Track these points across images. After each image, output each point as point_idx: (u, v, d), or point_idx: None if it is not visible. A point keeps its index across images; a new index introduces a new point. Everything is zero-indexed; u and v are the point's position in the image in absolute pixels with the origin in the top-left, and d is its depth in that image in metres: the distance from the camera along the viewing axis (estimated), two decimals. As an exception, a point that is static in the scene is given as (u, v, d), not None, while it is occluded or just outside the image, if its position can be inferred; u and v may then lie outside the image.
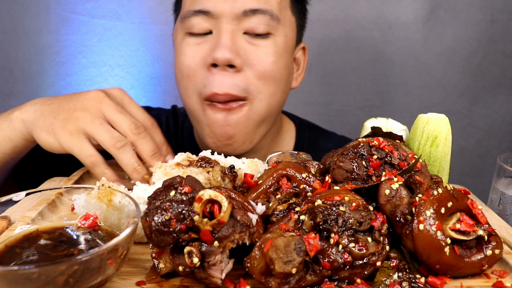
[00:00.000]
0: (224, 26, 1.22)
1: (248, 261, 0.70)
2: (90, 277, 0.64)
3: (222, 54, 1.18)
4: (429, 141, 1.02)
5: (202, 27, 1.24)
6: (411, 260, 0.78)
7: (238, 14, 1.21)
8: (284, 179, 0.85)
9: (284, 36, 1.31)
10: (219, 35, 1.22)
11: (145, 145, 1.07)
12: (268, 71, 1.25)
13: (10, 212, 0.87)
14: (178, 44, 1.30)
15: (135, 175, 1.05)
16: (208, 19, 1.23)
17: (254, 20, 1.23)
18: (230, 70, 1.21)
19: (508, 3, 2.20)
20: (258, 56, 1.24)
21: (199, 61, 1.24)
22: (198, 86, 1.25)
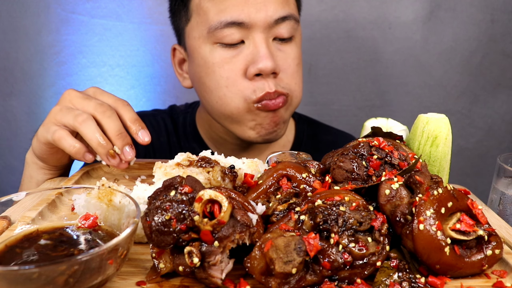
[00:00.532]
0: (258, 36, 1.27)
1: (248, 261, 0.70)
2: (90, 277, 0.64)
3: (265, 64, 1.25)
4: (429, 141, 1.02)
5: (236, 38, 1.28)
6: (411, 260, 0.78)
7: (270, 23, 1.27)
8: (284, 179, 0.85)
9: (299, 35, 1.41)
10: (255, 45, 1.28)
11: (111, 124, 1.07)
12: (295, 73, 1.37)
13: (10, 212, 0.87)
14: (207, 55, 1.32)
15: (99, 149, 1.05)
16: (241, 29, 1.27)
17: (282, 26, 1.30)
18: (271, 76, 1.30)
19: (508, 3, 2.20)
20: (287, 61, 1.34)
21: (238, 72, 1.29)
22: (244, 92, 1.30)
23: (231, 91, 1.31)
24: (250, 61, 1.27)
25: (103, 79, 2.26)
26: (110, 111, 1.09)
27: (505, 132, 2.40)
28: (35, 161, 1.23)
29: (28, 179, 1.25)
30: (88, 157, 1.09)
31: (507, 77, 2.31)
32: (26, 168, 1.26)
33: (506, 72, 2.30)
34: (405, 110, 2.34)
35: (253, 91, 1.29)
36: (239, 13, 1.24)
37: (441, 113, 1.05)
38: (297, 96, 1.40)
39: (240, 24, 1.25)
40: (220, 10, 1.26)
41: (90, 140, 1.05)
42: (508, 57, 2.28)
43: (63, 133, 1.07)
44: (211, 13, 1.28)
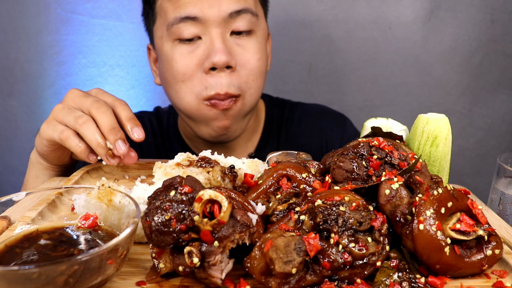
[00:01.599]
0: (214, 31, 1.29)
1: (248, 261, 0.70)
2: (90, 277, 0.64)
3: (219, 58, 1.27)
4: (429, 141, 1.02)
5: (191, 33, 1.30)
6: (411, 260, 0.78)
7: (224, 17, 1.29)
8: (284, 179, 0.85)
9: (261, 30, 1.41)
10: (211, 40, 1.30)
11: (104, 119, 1.09)
12: (255, 68, 1.37)
13: (10, 212, 0.87)
14: (168, 51, 1.35)
15: (99, 150, 1.08)
16: (196, 24, 1.29)
17: (238, 20, 1.32)
18: (227, 70, 1.31)
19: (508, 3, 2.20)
20: (246, 57, 1.35)
21: (194, 66, 1.32)
22: (196, 88, 1.33)
23: (186, 85, 1.34)
24: (207, 56, 1.30)
25: (103, 79, 2.26)
26: (105, 107, 1.11)
27: (505, 132, 2.40)
28: (39, 161, 1.25)
29: (33, 179, 1.27)
30: (92, 158, 1.12)
31: (507, 77, 2.31)
32: (30, 168, 1.28)
33: (506, 72, 2.30)
34: (405, 110, 2.34)
35: (205, 88, 1.31)
36: (192, 8, 1.28)
37: (441, 113, 1.05)
38: (252, 94, 1.39)
39: (194, 19, 1.28)
40: (176, 7, 1.30)
41: (90, 141, 1.08)
42: (508, 57, 2.28)
43: (69, 133, 1.10)
44: (169, 11, 1.32)
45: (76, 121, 1.09)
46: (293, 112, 1.70)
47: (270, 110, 1.70)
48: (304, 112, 1.71)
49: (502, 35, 2.24)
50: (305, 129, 1.67)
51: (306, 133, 1.66)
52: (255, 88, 1.39)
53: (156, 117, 1.71)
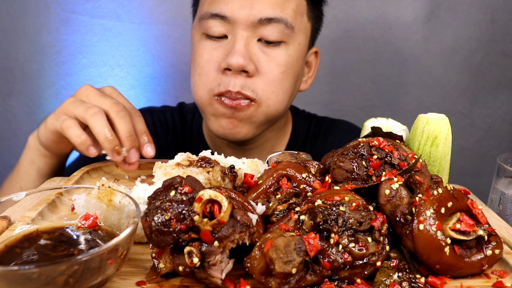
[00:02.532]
0: (239, 33, 1.27)
1: (248, 261, 0.70)
2: (90, 277, 0.64)
3: (236, 60, 1.24)
4: (429, 141, 1.02)
5: (218, 31, 1.29)
6: (411, 260, 0.78)
7: (253, 21, 1.26)
8: (284, 179, 0.85)
9: (297, 44, 1.35)
10: (234, 41, 1.27)
11: (123, 124, 1.09)
12: (277, 80, 1.31)
13: (10, 212, 0.87)
14: (196, 43, 1.36)
15: (106, 144, 1.07)
16: (225, 23, 1.28)
17: (268, 28, 1.27)
18: (243, 74, 1.28)
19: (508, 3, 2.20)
20: (270, 65, 1.30)
21: (213, 63, 1.30)
22: (211, 84, 1.31)
23: (201, 80, 1.33)
24: (226, 55, 1.28)
25: (103, 79, 2.26)
26: (125, 112, 1.10)
27: (505, 132, 2.40)
28: (38, 147, 1.23)
29: (28, 163, 1.25)
30: (92, 151, 1.10)
31: (507, 77, 2.31)
32: (27, 151, 1.25)
33: (506, 72, 2.30)
34: (405, 110, 2.34)
35: (218, 85, 1.30)
36: (224, 6, 1.26)
37: (441, 113, 1.05)
38: (269, 105, 1.33)
39: (223, 18, 1.27)
40: (211, 2, 1.29)
41: (98, 133, 1.06)
42: (508, 57, 2.28)
43: (71, 122, 1.08)
44: (205, 4, 1.32)
45: (86, 111, 1.07)
46: (319, 127, 1.67)
47: (296, 123, 1.66)
48: (330, 128, 1.67)
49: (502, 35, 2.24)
50: (331, 145, 1.61)
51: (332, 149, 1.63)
52: (275, 101, 1.33)
53: (179, 113, 1.68)
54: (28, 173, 1.26)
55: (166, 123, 1.64)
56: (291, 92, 1.40)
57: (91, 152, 1.10)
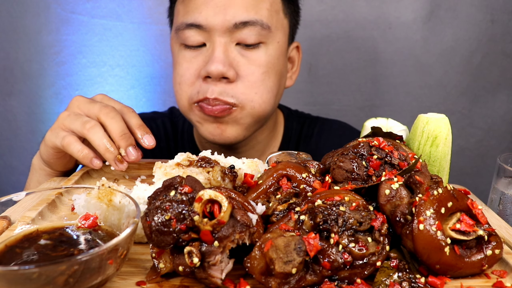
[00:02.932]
0: (217, 40, 1.27)
1: (248, 261, 0.70)
2: (90, 277, 0.64)
3: (215, 67, 1.24)
4: (429, 141, 1.02)
5: (196, 40, 1.29)
6: (411, 260, 0.78)
7: (229, 27, 1.26)
8: (284, 179, 0.85)
9: (276, 43, 1.35)
10: (212, 48, 1.28)
11: (114, 125, 1.09)
12: (259, 81, 1.31)
13: (10, 212, 0.87)
14: (175, 53, 1.37)
15: (107, 155, 1.08)
16: (201, 32, 1.28)
17: (245, 32, 1.27)
18: (223, 81, 1.28)
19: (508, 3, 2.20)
20: (250, 68, 1.30)
21: (193, 72, 1.31)
22: (190, 92, 1.33)
23: (182, 88, 1.34)
24: (205, 63, 1.28)
25: (103, 79, 2.26)
26: (114, 113, 1.11)
27: (505, 132, 2.40)
28: (42, 167, 1.24)
29: (35, 184, 1.27)
30: (95, 163, 1.11)
31: (507, 77, 2.31)
32: (33, 173, 1.27)
33: (506, 72, 2.30)
34: (405, 110, 2.34)
35: (197, 92, 1.30)
36: (198, 15, 1.26)
37: (441, 113, 1.05)
38: (254, 107, 1.33)
39: (198, 27, 1.27)
40: (185, 12, 1.29)
41: (98, 146, 1.08)
42: (508, 57, 2.28)
43: (71, 139, 1.10)
44: (180, 15, 1.32)
45: (83, 126, 1.08)
46: (312, 128, 1.66)
47: (289, 124, 1.66)
48: (323, 128, 1.67)
49: (502, 35, 2.24)
50: (324, 145, 1.63)
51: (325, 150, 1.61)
52: (260, 102, 1.33)
53: (170, 119, 1.68)
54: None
55: (157, 129, 1.64)
56: (276, 91, 1.40)
57: (95, 164, 1.12)
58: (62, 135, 1.11)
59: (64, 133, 1.11)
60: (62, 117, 1.13)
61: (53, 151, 1.16)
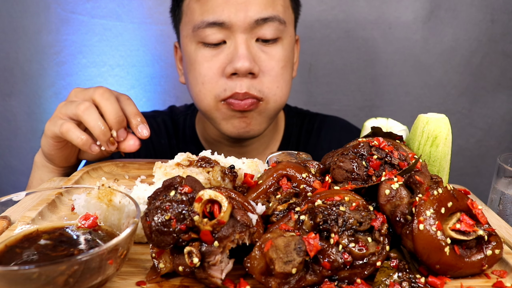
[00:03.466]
0: (239, 36, 1.29)
1: (248, 261, 0.70)
2: (90, 277, 0.64)
3: (242, 64, 1.27)
4: (429, 141, 1.02)
5: (217, 38, 1.30)
6: (411, 260, 0.78)
7: (250, 23, 1.28)
8: (284, 179, 0.85)
9: (289, 37, 1.40)
10: (235, 46, 1.29)
11: (109, 106, 1.10)
12: (279, 75, 1.36)
13: (10, 212, 0.87)
14: (192, 53, 1.36)
15: (101, 136, 1.09)
16: (222, 29, 1.29)
17: (265, 28, 1.31)
18: (248, 77, 1.31)
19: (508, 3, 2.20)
20: (270, 63, 1.34)
21: (216, 70, 1.32)
22: (216, 90, 1.34)
23: (206, 88, 1.34)
24: (230, 61, 1.30)
25: (103, 79, 2.26)
26: (108, 93, 1.12)
27: (505, 132, 2.40)
28: (45, 164, 1.24)
29: (38, 181, 1.27)
30: (94, 148, 1.12)
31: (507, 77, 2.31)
32: (35, 170, 1.27)
33: (506, 72, 2.30)
34: (405, 110, 2.34)
35: (224, 90, 1.32)
36: (220, 14, 1.27)
37: (441, 113, 1.05)
38: (277, 101, 1.39)
39: (220, 25, 1.28)
40: (204, 11, 1.29)
41: (92, 127, 1.08)
42: (508, 57, 2.28)
43: (70, 125, 1.10)
44: (196, 13, 1.31)
45: (77, 108, 1.09)
46: (312, 124, 1.69)
47: (289, 120, 1.69)
48: (323, 124, 1.70)
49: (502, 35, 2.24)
50: (323, 141, 1.65)
51: (324, 145, 1.65)
52: (280, 95, 1.39)
53: (170, 117, 1.69)
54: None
55: (158, 127, 1.65)
56: (290, 85, 1.44)
57: (93, 150, 1.12)
58: (60, 123, 1.11)
59: (62, 120, 1.12)
60: (59, 106, 1.15)
61: (53, 141, 1.16)
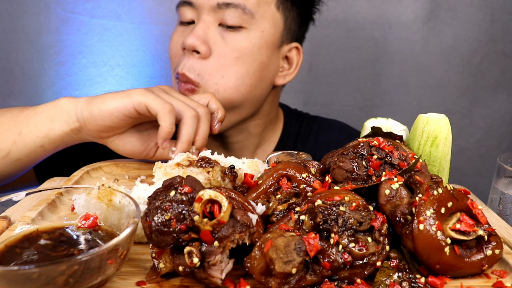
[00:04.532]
0: (202, 17, 1.34)
1: (248, 261, 0.70)
2: (90, 277, 0.64)
3: (189, 40, 1.30)
4: (429, 141, 1.02)
5: (188, 17, 1.38)
6: (411, 260, 0.78)
7: (213, 6, 1.31)
8: (284, 179, 0.85)
9: (260, 32, 1.36)
10: (196, 24, 1.35)
11: (205, 128, 1.15)
12: (229, 65, 1.33)
13: (10, 212, 0.87)
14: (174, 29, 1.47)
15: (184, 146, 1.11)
16: (192, 9, 1.36)
17: (227, 13, 1.32)
18: (196, 55, 1.33)
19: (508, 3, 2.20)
20: (224, 49, 1.33)
21: (179, 46, 1.38)
22: (174, 65, 1.42)
23: (172, 62, 1.45)
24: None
25: (103, 79, 2.26)
26: (208, 116, 1.17)
27: (505, 132, 2.40)
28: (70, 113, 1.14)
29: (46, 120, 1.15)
30: (165, 144, 1.12)
31: (507, 77, 2.31)
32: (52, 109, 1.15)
33: (506, 72, 2.30)
34: (405, 110, 2.34)
35: (177, 65, 1.37)
36: None
37: (441, 113, 1.05)
38: (219, 90, 1.34)
39: (190, 4, 1.35)
40: None
41: (185, 134, 1.11)
42: (508, 57, 2.28)
43: (173, 110, 1.09)
44: None
45: (187, 108, 1.11)
46: (310, 126, 1.68)
47: (288, 121, 1.68)
48: (322, 127, 1.69)
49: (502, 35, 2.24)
50: (322, 144, 1.64)
51: (322, 148, 1.63)
52: (225, 87, 1.34)
53: None
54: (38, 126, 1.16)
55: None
56: (250, 81, 1.38)
57: (164, 145, 1.12)
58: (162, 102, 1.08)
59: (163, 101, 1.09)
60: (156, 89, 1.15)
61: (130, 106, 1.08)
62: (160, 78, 2.29)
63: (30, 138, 1.16)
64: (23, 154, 1.18)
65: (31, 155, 1.19)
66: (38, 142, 1.17)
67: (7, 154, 1.18)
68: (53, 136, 1.16)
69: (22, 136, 1.16)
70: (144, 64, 2.25)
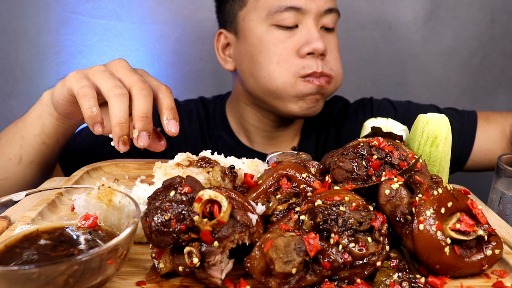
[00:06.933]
0: (311, 22, 1.46)
1: (248, 261, 0.70)
2: (90, 277, 0.64)
3: (320, 45, 1.42)
4: (429, 141, 1.02)
5: (291, 22, 1.45)
6: (411, 260, 0.78)
7: (321, 12, 1.46)
8: (284, 179, 0.85)
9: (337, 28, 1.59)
10: (308, 29, 1.45)
11: (142, 103, 1.01)
12: (338, 58, 1.56)
13: (10, 212, 0.87)
14: (264, 34, 1.49)
15: (116, 129, 0.99)
16: (297, 14, 1.45)
17: (329, 17, 1.49)
18: (320, 57, 1.47)
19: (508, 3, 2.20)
20: (331, 48, 1.52)
21: (291, 50, 1.46)
22: (293, 68, 1.46)
23: (281, 66, 1.46)
24: (304, 42, 1.44)
25: (103, 79, 2.26)
26: (148, 91, 1.03)
27: (505, 132, 2.39)
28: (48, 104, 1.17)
29: (36, 117, 1.20)
30: (97, 129, 1.03)
31: (507, 77, 2.31)
32: (38, 104, 1.20)
33: (506, 72, 2.30)
34: (405, 110, 2.33)
35: (303, 68, 1.45)
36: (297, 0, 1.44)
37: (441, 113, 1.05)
38: (338, 81, 1.55)
39: (297, 9, 1.44)
40: None
41: (114, 115, 0.98)
42: (508, 57, 2.28)
43: (89, 92, 1.02)
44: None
45: (112, 88, 1.01)
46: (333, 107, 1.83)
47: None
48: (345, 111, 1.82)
49: (502, 35, 2.24)
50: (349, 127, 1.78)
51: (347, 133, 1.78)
52: (341, 77, 1.56)
53: (202, 104, 1.79)
54: (33, 125, 1.22)
55: (190, 112, 1.73)
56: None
57: (96, 130, 1.03)
58: (83, 83, 1.03)
59: (87, 82, 1.03)
60: (96, 69, 1.07)
61: (67, 93, 1.08)
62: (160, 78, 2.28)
63: (31, 139, 1.23)
64: (32, 155, 1.26)
65: (40, 155, 1.26)
66: (38, 140, 1.23)
67: (20, 159, 1.26)
68: (47, 131, 1.22)
69: (24, 139, 1.24)
70: (144, 64, 2.25)
